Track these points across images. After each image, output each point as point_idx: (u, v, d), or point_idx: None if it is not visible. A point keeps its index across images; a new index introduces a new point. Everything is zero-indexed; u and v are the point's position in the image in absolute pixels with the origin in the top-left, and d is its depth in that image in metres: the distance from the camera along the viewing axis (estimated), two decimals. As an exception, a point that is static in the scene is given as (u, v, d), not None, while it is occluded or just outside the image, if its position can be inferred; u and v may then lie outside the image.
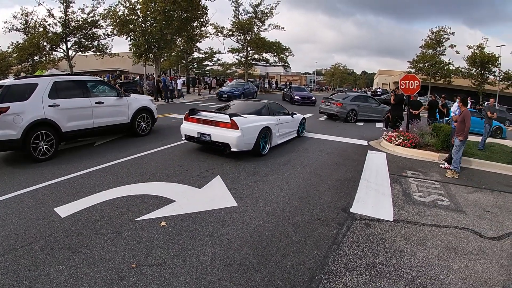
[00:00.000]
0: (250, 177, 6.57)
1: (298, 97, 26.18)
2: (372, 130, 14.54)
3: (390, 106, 14.04)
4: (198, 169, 6.92)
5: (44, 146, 7.50)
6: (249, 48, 42.05)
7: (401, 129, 11.63)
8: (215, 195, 5.54)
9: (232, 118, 7.56)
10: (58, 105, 7.83)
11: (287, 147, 9.42)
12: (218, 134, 7.66)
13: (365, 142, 11.12)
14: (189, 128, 8.27)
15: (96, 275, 3.26)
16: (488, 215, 5.41)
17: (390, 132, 11.30)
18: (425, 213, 5.27)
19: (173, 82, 24.88)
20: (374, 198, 5.80)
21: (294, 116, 10.54)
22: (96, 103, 8.70)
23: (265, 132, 8.35)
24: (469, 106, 15.80)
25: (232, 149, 7.61)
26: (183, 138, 8.60)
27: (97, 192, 5.38)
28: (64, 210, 4.68)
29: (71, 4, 26.89)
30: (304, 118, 11.60)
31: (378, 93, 46.94)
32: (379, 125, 16.25)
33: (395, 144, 10.19)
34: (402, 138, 10.19)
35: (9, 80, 7.71)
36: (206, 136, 7.84)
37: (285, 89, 34.78)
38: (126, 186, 5.75)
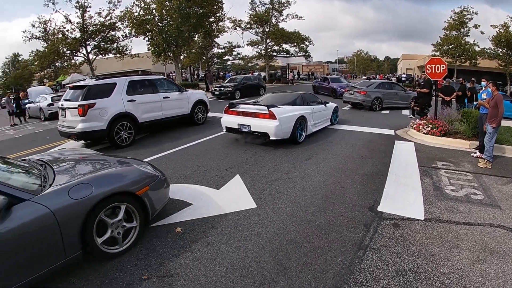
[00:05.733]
0: (270, 175, 6.28)
1: (343, 90, 20.31)
2: (399, 118, 13.83)
3: (420, 93, 13.28)
4: (217, 168, 6.71)
5: (125, 135, 8.89)
6: (268, 40, 41.59)
7: (429, 116, 10.97)
8: (234, 196, 5.30)
9: (269, 109, 8.02)
10: (135, 100, 9.21)
11: (310, 140, 9.06)
12: (257, 125, 8.12)
13: (391, 132, 10.54)
14: (230, 120, 8.74)
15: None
16: (526, 209, 4.83)
17: (417, 120, 10.68)
18: (458, 210, 4.79)
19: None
20: (403, 194, 5.36)
21: (327, 105, 10.82)
22: (163, 97, 10.17)
23: (301, 121, 8.70)
24: None
25: (271, 138, 8.04)
26: (224, 130, 9.09)
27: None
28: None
29: (87, 9, 27.29)
30: (337, 107, 11.73)
31: (403, 78, 45.05)
32: (406, 112, 15.50)
33: (423, 133, 9.57)
34: (431, 126, 9.56)
35: (91, 81, 9.07)
36: (246, 127, 8.32)
37: (317, 80, 29.50)
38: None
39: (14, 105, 19.20)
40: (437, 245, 3.82)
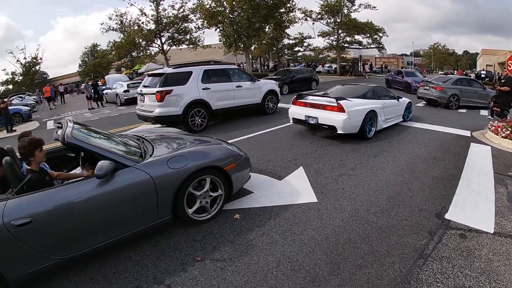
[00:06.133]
0: (335, 170, 6.08)
1: (417, 85, 18.42)
2: (476, 119, 12.44)
3: (500, 91, 11.88)
4: (281, 159, 6.68)
5: (199, 121, 9.47)
6: (340, 31, 40.11)
7: (508, 118, 9.73)
8: (295, 188, 5.23)
9: (338, 101, 7.71)
10: (209, 88, 9.65)
11: (379, 136, 8.59)
12: (325, 117, 7.87)
13: (467, 133, 9.49)
14: (297, 111, 8.61)
15: (161, 264, 3.32)
16: None
17: (496, 121, 9.51)
18: (531, 226, 4.16)
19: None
20: (474, 203, 4.79)
21: (400, 100, 10.08)
22: (236, 86, 10.51)
23: (371, 116, 8.28)
24: None
25: (338, 132, 7.73)
26: (291, 121, 8.98)
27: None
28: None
29: (161, 2, 28.60)
30: (410, 103, 10.92)
31: (482, 75, 40.45)
32: (484, 112, 13.90)
33: (502, 136, 8.43)
34: (510, 129, 8.41)
35: (169, 69, 9.70)
36: (313, 119, 8.09)
37: (390, 73, 27.68)
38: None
39: (92, 90, 21.10)
40: (504, 263, 3.35)
